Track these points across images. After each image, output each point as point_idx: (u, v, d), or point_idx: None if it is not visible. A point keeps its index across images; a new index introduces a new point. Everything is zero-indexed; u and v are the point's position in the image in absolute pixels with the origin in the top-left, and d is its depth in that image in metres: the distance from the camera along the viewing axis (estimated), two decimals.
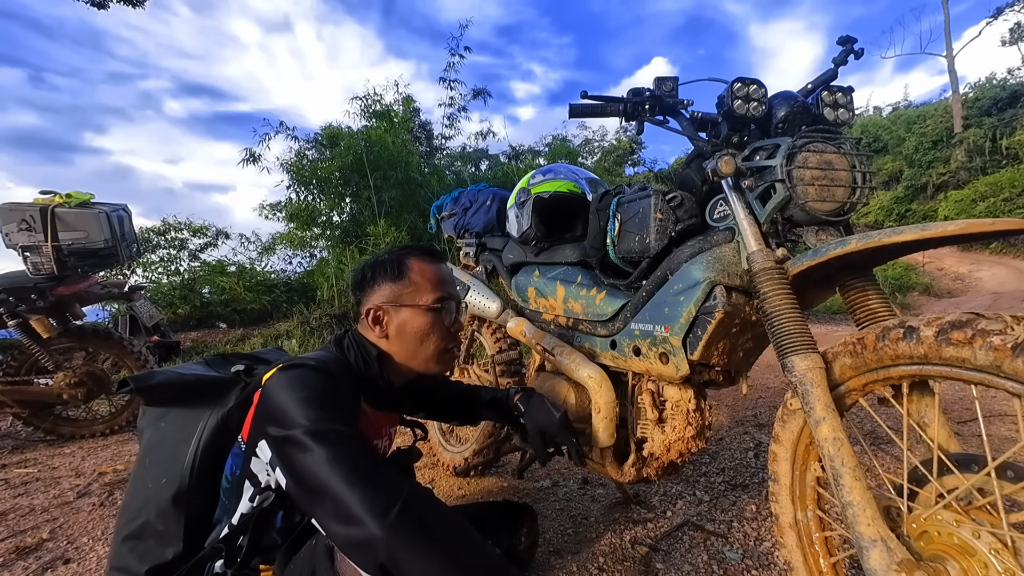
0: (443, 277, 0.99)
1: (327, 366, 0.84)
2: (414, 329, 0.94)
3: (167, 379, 0.98)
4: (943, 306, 7.34)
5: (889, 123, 20.00)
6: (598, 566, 1.25)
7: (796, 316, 0.83)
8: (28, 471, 2.22)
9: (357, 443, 0.74)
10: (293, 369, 0.81)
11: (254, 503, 0.83)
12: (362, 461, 0.70)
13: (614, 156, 16.25)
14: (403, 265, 0.96)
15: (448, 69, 9.21)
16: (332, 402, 0.78)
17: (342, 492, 0.66)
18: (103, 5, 6.43)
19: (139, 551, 0.89)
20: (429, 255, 1.00)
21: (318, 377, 0.81)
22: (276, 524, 0.86)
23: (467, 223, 1.88)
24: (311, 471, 0.69)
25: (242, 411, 0.92)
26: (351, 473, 0.67)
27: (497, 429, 1.69)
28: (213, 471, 0.92)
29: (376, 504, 0.64)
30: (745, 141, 1.01)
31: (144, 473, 0.94)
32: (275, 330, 5.84)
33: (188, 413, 0.97)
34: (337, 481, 0.67)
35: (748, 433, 2.18)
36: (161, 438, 0.96)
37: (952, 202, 13.30)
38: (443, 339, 0.96)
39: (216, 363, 1.07)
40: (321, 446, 0.70)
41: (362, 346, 0.94)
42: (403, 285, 0.95)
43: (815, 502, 0.90)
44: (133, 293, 2.97)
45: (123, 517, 0.93)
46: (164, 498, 0.90)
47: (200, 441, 0.93)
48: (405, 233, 6.48)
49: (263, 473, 0.83)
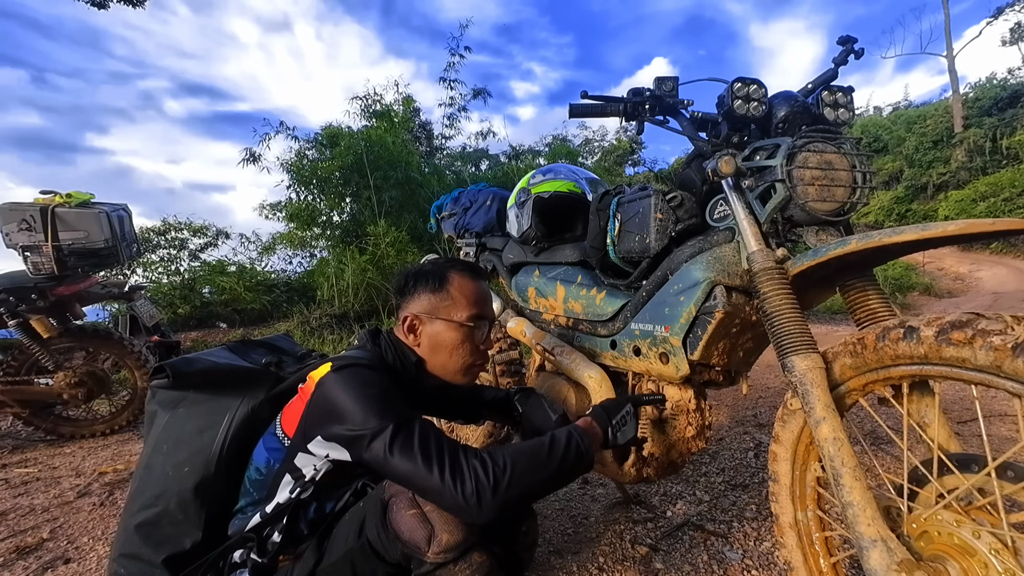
0: (481, 295, 1.01)
1: (373, 364, 0.88)
2: (445, 342, 0.96)
3: (204, 367, 0.98)
4: (943, 306, 7.34)
5: (889, 123, 19.98)
6: (598, 566, 1.25)
7: (796, 316, 0.83)
8: (28, 471, 2.22)
9: (429, 430, 0.79)
10: (349, 368, 0.84)
11: (293, 495, 0.85)
12: (439, 446, 0.77)
13: (614, 156, 16.26)
14: (444, 278, 0.98)
15: (448, 69, 9.21)
16: (393, 397, 0.82)
17: (428, 480, 0.73)
18: (103, 5, 6.42)
19: (155, 539, 0.89)
20: (471, 272, 1.02)
21: (374, 375, 0.85)
22: (308, 515, 0.87)
23: (467, 223, 1.88)
24: (395, 463, 0.75)
25: (276, 404, 0.94)
26: (433, 462, 0.74)
27: (497, 429, 1.69)
28: (238, 461, 0.93)
29: (467, 492, 0.72)
30: (745, 141, 1.01)
31: (162, 460, 0.93)
32: (275, 330, 5.84)
33: (214, 401, 0.97)
34: (419, 472, 0.74)
35: (748, 433, 2.18)
36: (181, 424, 0.95)
37: (952, 202, 13.30)
38: (472, 355, 0.98)
39: (240, 350, 1.08)
40: (396, 444, 0.75)
41: (400, 350, 0.97)
42: (441, 298, 0.97)
43: (815, 502, 0.90)
44: (133, 293, 2.97)
45: (136, 503, 0.92)
46: (186, 487, 0.90)
47: (228, 431, 0.94)
48: (405, 233, 6.48)
49: (308, 468, 0.85)
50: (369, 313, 5.77)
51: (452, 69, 9.21)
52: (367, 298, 5.82)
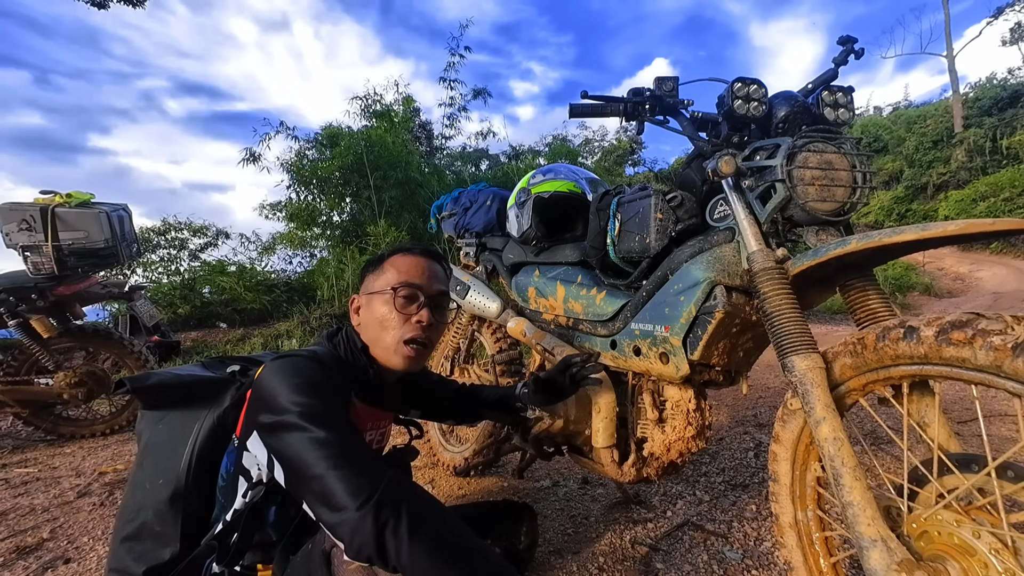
0: (416, 267, 0.94)
1: (318, 356, 0.86)
2: (375, 316, 0.92)
3: (163, 380, 0.98)
4: (943, 306, 7.34)
5: (889, 123, 19.98)
6: (598, 566, 1.25)
7: (796, 316, 0.83)
8: (28, 471, 2.22)
9: (345, 428, 0.74)
10: (284, 358, 0.82)
11: (247, 499, 0.84)
12: (347, 444, 0.71)
13: (614, 156, 16.25)
14: (383, 257, 0.97)
15: (448, 69, 9.23)
16: (322, 388, 0.79)
17: (326, 475, 0.67)
18: (103, 5, 6.42)
19: (136, 552, 0.89)
20: (416, 249, 0.98)
21: (308, 364, 0.82)
22: (269, 519, 0.86)
23: (467, 223, 1.88)
24: (299, 453, 0.70)
25: (237, 410, 0.93)
26: (337, 456, 0.68)
27: (497, 429, 1.69)
28: (210, 471, 0.93)
29: (358, 488, 0.65)
30: (745, 141, 1.01)
31: (142, 474, 0.95)
32: (275, 330, 5.84)
33: (185, 414, 0.97)
34: (323, 464, 0.68)
35: (748, 433, 2.18)
36: (159, 440, 0.96)
37: (952, 202, 13.30)
38: (400, 328, 0.90)
39: (213, 365, 1.08)
40: (309, 429, 0.71)
41: (350, 337, 0.95)
42: (377, 274, 0.95)
43: (815, 502, 0.90)
44: (133, 293, 2.97)
45: (121, 518, 0.93)
46: (161, 499, 0.90)
47: (196, 442, 0.94)
48: (405, 233, 6.49)
49: (254, 468, 0.84)
50: None
51: (452, 69, 9.23)
52: None
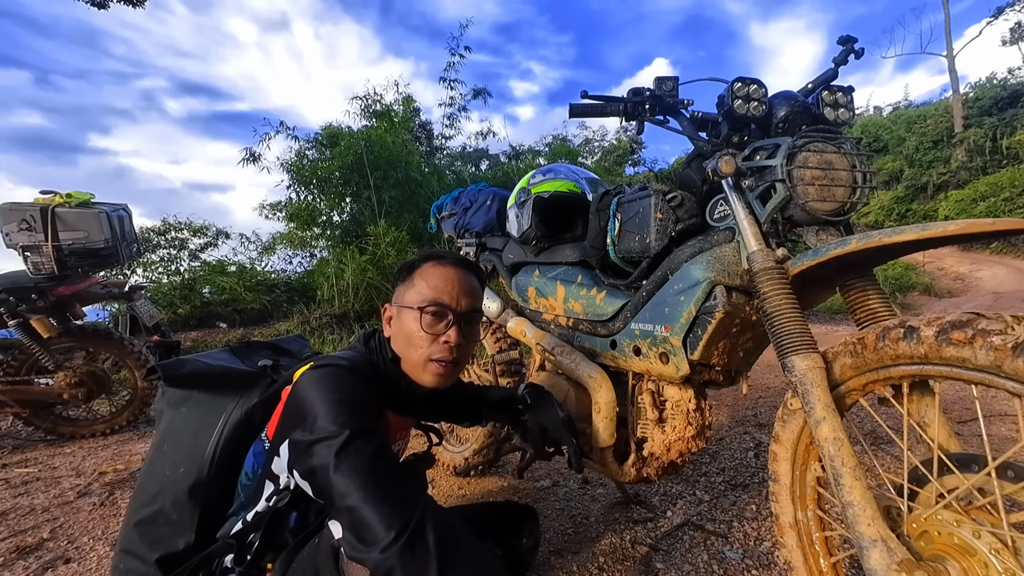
0: (445, 281, 0.91)
1: (357, 367, 0.84)
2: (404, 331, 0.91)
3: (197, 369, 0.97)
4: (943, 306, 7.34)
5: (889, 123, 19.98)
6: (598, 566, 1.25)
7: (796, 316, 0.83)
8: (28, 471, 2.22)
9: (380, 453, 0.72)
10: (323, 369, 0.79)
11: (270, 503, 0.83)
12: (381, 475, 0.69)
13: (614, 156, 16.26)
14: (414, 266, 0.95)
15: (448, 69, 9.22)
16: (361, 408, 0.76)
17: (359, 506, 0.65)
18: (103, 5, 6.42)
19: (151, 537, 0.88)
20: (448, 259, 0.95)
21: (348, 378, 0.79)
22: (289, 524, 0.86)
23: (467, 223, 1.88)
24: (331, 480, 0.68)
25: (267, 408, 0.91)
26: (370, 489, 0.66)
27: (497, 429, 1.69)
28: (231, 464, 0.92)
29: (391, 521, 0.63)
30: (745, 141, 1.01)
31: (162, 458, 0.93)
32: (275, 330, 5.84)
33: (211, 402, 0.96)
34: (356, 495, 0.66)
35: (748, 433, 2.18)
36: (181, 425, 0.95)
37: (952, 202, 13.30)
38: (428, 347, 0.89)
39: (242, 352, 1.06)
40: (345, 456, 0.69)
41: (383, 347, 0.94)
42: (407, 286, 0.93)
43: (815, 502, 0.90)
44: (133, 293, 2.97)
45: (137, 500, 0.92)
46: (181, 488, 0.89)
47: (222, 434, 0.92)
48: (405, 233, 6.48)
49: (283, 474, 0.82)
50: (369, 313, 5.77)
51: (452, 69, 9.23)
52: (367, 298, 5.82)
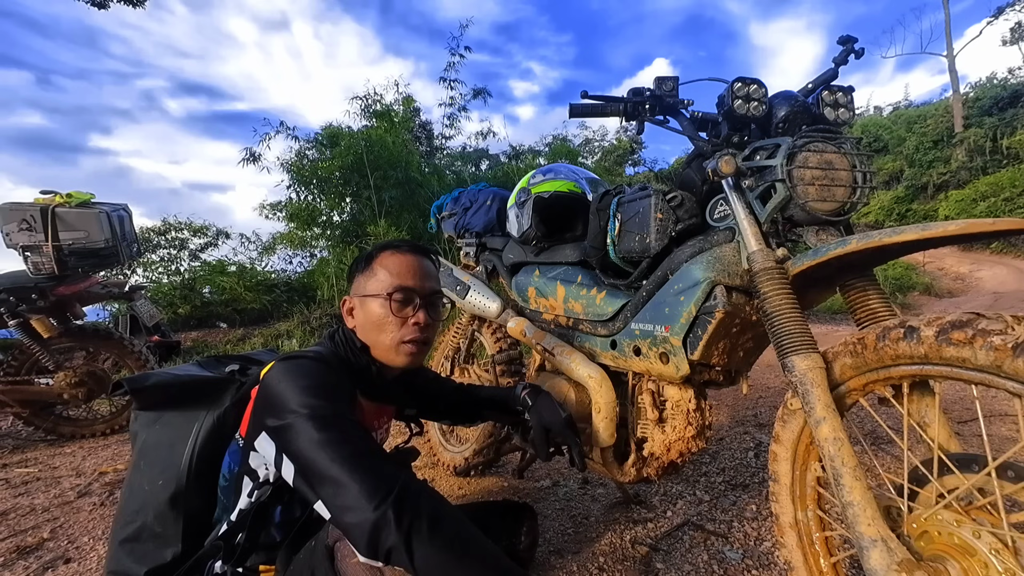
0: (408, 268, 0.94)
1: (324, 357, 0.86)
2: (371, 319, 0.92)
3: (162, 380, 0.98)
4: (943, 306, 7.33)
5: (890, 123, 19.96)
6: (598, 566, 1.25)
7: (796, 316, 0.83)
8: (29, 471, 2.22)
9: (356, 429, 0.75)
10: (290, 360, 0.83)
11: (252, 498, 0.84)
12: (361, 446, 0.72)
13: (614, 156, 16.27)
14: (372, 257, 0.96)
15: (448, 69, 9.21)
16: (331, 390, 0.80)
17: (340, 476, 0.68)
18: (103, 5, 6.42)
19: (137, 554, 0.89)
20: (405, 247, 0.97)
21: (316, 366, 0.82)
22: (275, 519, 0.86)
23: (467, 223, 1.88)
24: (312, 456, 0.70)
25: (239, 409, 0.93)
26: (350, 458, 0.69)
27: (497, 429, 1.69)
28: (210, 471, 0.93)
29: (374, 488, 0.66)
30: (745, 141, 1.01)
31: (140, 476, 0.94)
32: (275, 330, 5.84)
33: (183, 415, 0.97)
34: (337, 466, 0.69)
35: (748, 433, 2.18)
36: (156, 440, 0.96)
37: (953, 202, 13.29)
38: (398, 330, 0.92)
39: (210, 365, 1.07)
40: (321, 431, 0.71)
41: (349, 338, 0.95)
42: (367, 276, 0.94)
43: (815, 502, 0.90)
44: (134, 293, 2.97)
45: (119, 520, 0.93)
46: (161, 500, 0.90)
47: (196, 441, 0.94)
48: (405, 233, 6.48)
49: (261, 468, 0.84)
50: None
51: (452, 69, 9.21)
52: None
